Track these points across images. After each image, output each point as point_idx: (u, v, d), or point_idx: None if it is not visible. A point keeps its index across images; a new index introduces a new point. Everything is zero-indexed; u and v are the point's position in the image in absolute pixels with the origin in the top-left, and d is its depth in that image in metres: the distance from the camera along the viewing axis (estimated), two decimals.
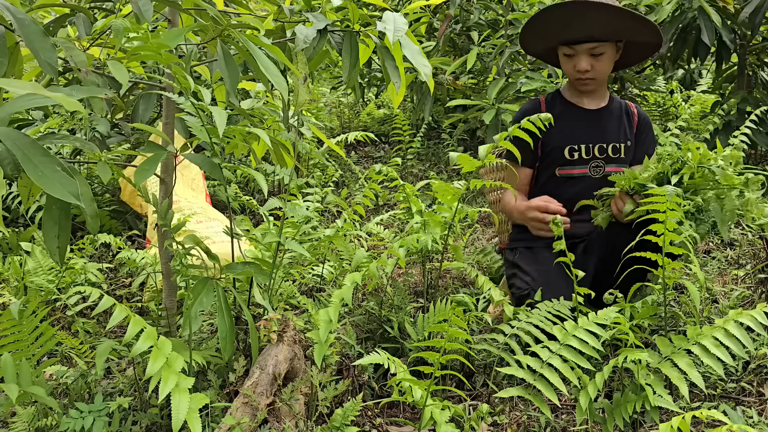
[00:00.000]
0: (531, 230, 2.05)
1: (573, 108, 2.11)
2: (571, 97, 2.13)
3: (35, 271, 2.29)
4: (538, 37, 2.06)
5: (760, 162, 3.77)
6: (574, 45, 1.96)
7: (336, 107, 5.41)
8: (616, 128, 2.11)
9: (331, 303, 1.49)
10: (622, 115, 2.14)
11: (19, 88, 0.89)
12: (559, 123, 2.03)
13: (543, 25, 1.98)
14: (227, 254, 1.81)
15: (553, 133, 2.05)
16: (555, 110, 2.08)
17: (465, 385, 1.71)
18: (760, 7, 3.12)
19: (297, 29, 1.61)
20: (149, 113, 1.74)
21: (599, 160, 2.07)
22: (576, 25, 1.92)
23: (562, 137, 2.07)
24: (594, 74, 1.99)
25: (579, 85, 2.05)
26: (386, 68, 1.69)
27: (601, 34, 1.93)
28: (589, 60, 1.97)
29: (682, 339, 1.56)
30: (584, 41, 1.94)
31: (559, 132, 2.06)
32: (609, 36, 1.95)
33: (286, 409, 1.41)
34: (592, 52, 1.96)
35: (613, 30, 1.93)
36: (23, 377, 1.29)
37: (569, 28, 1.94)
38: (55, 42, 1.25)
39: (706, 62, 4.44)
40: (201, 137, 1.41)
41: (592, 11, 1.88)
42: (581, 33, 1.93)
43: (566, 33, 1.96)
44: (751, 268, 2.38)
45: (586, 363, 1.52)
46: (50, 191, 0.91)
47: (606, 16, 1.89)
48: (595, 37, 1.93)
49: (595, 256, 1.97)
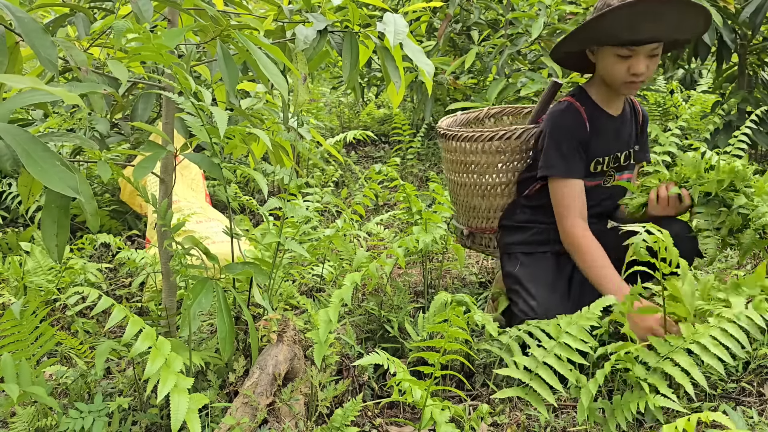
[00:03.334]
0: (634, 330, 1.66)
1: (603, 116, 1.92)
2: (601, 102, 1.91)
3: (35, 271, 2.29)
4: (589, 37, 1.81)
5: (760, 162, 3.77)
6: (636, 46, 1.75)
7: (336, 107, 5.41)
8: (628, 135, 2.00)
9: (330, 303, 1.49)
10: (632, 118, 2.03)
11: (19, 83, 0.89)
12: (599, 140, 1.90)
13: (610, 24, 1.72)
14: (227, 254, 1.81)
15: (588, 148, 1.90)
16: (591, 121, 1.89)
17: (465, 385, 1.71)
18: (761, 7, 3.12)
19: (297, 29, 1.61)
20: (148, 113, 1.74)
21: (612, 169, 1.97)
22: (646, 25, 1.71)
23: (593, 151, 1.91)
24: (645, 76, 1.79)
25: (626, 88, 1.84)
26: (386, 68, 1.69)
27: (668, 33, 1.76)
28: (646, 62, 1.76)
29: (679, 338, 1.55)
30: (648, 42, 1.74)
31: (593, 146, 1.90)
32: (674, 35, 1.78)
33: (286, 409, 1.41)
34: (653, 53, 1.76)
35: (680, 28, 1.77)
36: (23, 377, 1.29)
37: (637, 29, 1.72)
38: (55, 41, 1.24)
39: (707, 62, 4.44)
40: (201, 137, 1.41)
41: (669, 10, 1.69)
42: (649, 33, 1.73)
43: (635, 33, 1.73)
44: (751, 268, 2.38)
45: (580, 359, 1.51)
46: (50, 185, 0.91)
47: (678, 15, 1.71)
48: (658, 37, 1.74)
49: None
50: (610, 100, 1.91)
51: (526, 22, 3.40)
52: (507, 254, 2.04)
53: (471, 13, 3.97)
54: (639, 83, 1.80)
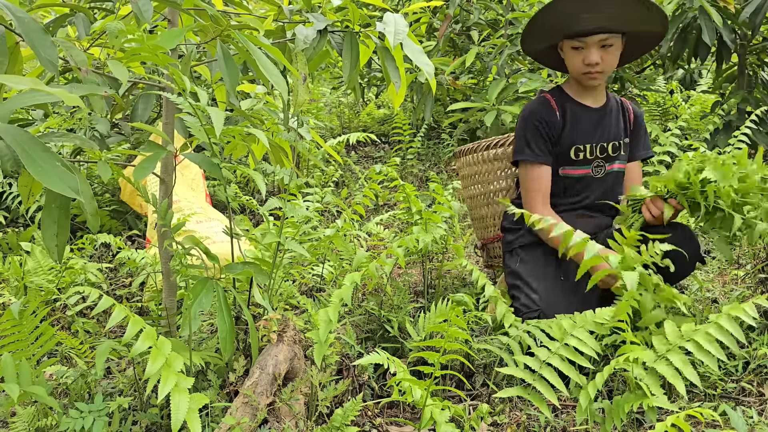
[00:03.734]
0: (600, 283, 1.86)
1: (578, 107, 2.05)
2: (575, 95, 2.07)
3: (35, 271, 2.29)
4: (544, 32, 2.00)
5: None
6: (585, 38, 1.91)
7: (336, 107, 5.41)
8: (615, 126, 2.08)
9: (330, 303, 1.49)
10: (619, 112, 2.12)
11: (19, 84, 0.89)
12: (571, 128, 2.01)
13: (553, 17, 1.92)
14: (227, 254, 1.81)
15: (562, 134, 2.02)
16: (563, 109, 2.03)
17: (465, 385, 1.71)
18: (761, 7, 3.12)
19: (297, 29, 1.61)
20: (148, 113, 1.74)
21: (600, 159, 2.05)
22: (587, 16, 1.87)
23: (569, 138, 2.02)
24: (603, 67, 1.94)
25: (587, 79, 1.98)
26: (386, 68, 1.69)
27: (612, 24, 1.89)
28: (599, 52, 1.92)
29: (677, 335, 1.55)
30: (595, 33, 1.90)
31: (567, 132, 2.02)
32: (619, 26, 1.91)
33: (286, 409, 1.41)
34: (603, 43, 1.91)
35: (623, 20, 1.90)
36: (23, 377, 1.29)
37: (580, 20, 1.89)
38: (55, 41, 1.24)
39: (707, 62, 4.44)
40: (200, 137, 1.41)
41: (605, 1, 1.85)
42: (592, 24, 1.89)
43: (576, 25, 1.90)
44: (751, 268, 2.38)
45: (585, 362, 1.52)
46: (50, 186, 0.91)
47: (618, 5, 1.86)
48: (606, 28, 1.89)
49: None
50: (584, 92, 2.05)
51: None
52: (508, 252, 2.10)
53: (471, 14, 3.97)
54: (597, 73, 1.94)
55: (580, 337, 1.53)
